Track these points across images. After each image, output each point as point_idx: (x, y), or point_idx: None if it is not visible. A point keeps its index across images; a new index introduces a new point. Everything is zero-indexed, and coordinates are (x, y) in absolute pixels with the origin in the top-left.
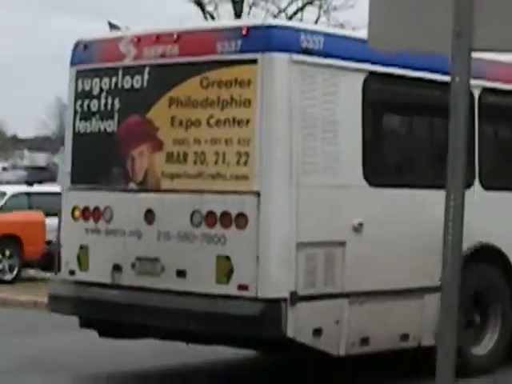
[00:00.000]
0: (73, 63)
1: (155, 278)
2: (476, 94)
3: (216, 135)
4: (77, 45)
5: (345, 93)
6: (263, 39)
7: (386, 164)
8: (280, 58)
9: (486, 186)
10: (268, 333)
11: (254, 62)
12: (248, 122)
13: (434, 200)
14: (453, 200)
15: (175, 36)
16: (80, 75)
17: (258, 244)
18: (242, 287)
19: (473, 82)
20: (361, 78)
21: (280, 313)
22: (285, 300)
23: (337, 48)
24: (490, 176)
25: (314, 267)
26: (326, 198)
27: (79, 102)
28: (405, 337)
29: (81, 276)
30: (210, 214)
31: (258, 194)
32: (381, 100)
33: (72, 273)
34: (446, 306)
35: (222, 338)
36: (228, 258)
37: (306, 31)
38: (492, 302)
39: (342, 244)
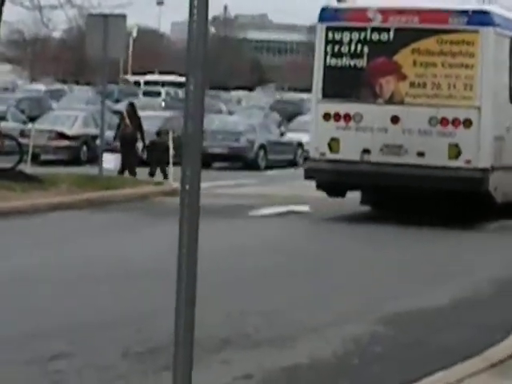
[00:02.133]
0: (322, 20)
1: (399, 157)
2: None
3: (448, 73)
4: (325, 8)
5: (506, 48)
6: (482, 18)
7: None
8: (491, 31)
9: None
10: (481, 188)
11: (477, 31)
12: (473, 66)
13: None
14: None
15: (416, 11)
16: (330, 29)
17: (479, 137)
18: (467, 161)
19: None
20: (508, 40)
21: (488, 176)
22: (489, 169)
23: (503, 23)
24: None
25: (495, 151)
26: (500, 111)
27: (330, 46)
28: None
29: (331, 156)
30: (444, 119)
31: (479, 108)
32: None
33: (323, 154)
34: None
35: (449, 192)
36: (457, 145)
37: (496, 14)
38: None
39: (503, 138)
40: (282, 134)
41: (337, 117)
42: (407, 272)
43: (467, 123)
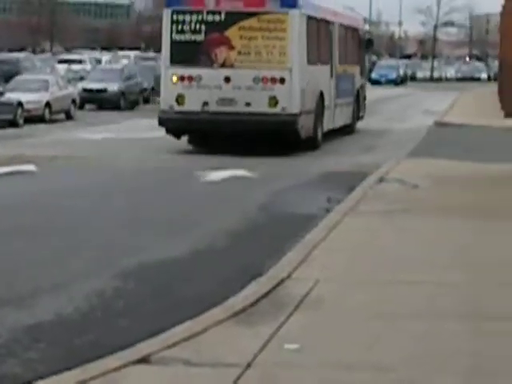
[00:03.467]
0: (168, 5)
1: (231, 107)
2: (336, 26)
3: (267, 43)
4: None
5: (304, 24)
6: (290, 3)
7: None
8: (297, 12)
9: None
10: (293, 127)
11: (287, 13)
12: (284, 38)
13: None
14: None
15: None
16: (174, 12)
17: (291, 90)
18: (283, 109)
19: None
20: (305, 18)
21: (298, 119)
22: (298, 114)
23: (304, 5)
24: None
25: (301, 100)
26: (303, 70)
27: (175, 25)
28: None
29: (178, 108)
30: (264, 78)
31: (290, 69)
32: (309, 30)
33: (171, 107)
34: None
35: (269, 132)
36: (275, 97)
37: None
38: None
39: (304, 90)
40: (0, 94)
41: (182, 78)
42: (143, 223)
43: (282, 80)
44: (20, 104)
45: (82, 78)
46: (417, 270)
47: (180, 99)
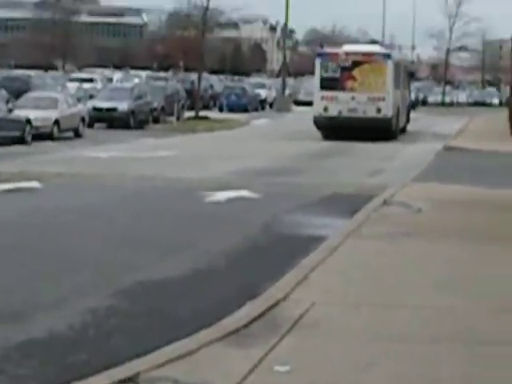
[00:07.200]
0: (318, 56)
1: (355, 113)
2: (402, 65)
3: (375, 79)
4: (320, 52)
5: (393, 67)
6: (387, 56)
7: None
8: (391, 61)
9: None
10: (390, 125)
11: (386, 62)
12: (385, 75)
13: None
14: None
15: (360, 52)
16: (322, 61)
17: (388, 104)
18: (384, 115)
19: (401, 62)
20: (393, 64)
21: (392, 120)
22: (391, 117)
23: (393, 56)
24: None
25: (393, 110)
26: (393, 93)
27: (323, 69)
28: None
29: (324, 114)
30: (374, 97)
31: (388, 92)
32: (395, 70)
33: (320, 114)
34: None
35: (375, 128)
36: (380, 108)
37: (391, 52)
38: None
39: (395, 104)
40: (10, 111)
41: (327, 97)
42: (143, 243)
43: (383, 99)
44: (28, 121)
45: (91, 97)
46: (414, 294)
47: (325, 109)
